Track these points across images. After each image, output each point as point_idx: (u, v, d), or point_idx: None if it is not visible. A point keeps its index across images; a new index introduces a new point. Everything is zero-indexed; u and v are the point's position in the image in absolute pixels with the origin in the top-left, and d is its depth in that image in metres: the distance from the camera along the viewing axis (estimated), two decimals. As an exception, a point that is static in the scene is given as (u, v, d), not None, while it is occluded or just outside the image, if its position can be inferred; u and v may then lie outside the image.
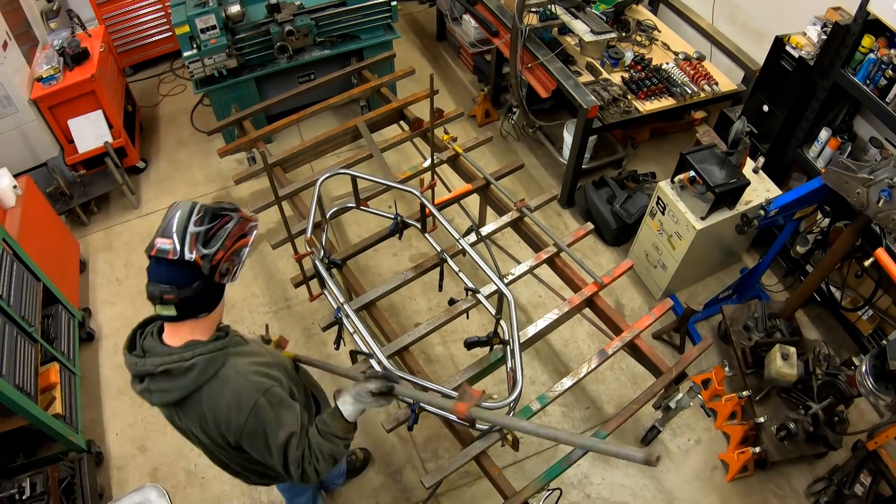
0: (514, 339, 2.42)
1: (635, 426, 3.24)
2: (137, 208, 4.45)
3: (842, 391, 2.54)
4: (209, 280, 1.50)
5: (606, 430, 2.53)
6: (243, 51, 4.10)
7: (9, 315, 2.69)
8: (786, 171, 3.51)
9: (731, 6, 3.86)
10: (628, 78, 3.86)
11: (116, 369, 3.60)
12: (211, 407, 1.57)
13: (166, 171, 4.75)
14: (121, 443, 3.30)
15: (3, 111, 3.49)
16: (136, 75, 5.47)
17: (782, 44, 3.12)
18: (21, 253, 2.94)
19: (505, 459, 3.13)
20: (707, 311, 3.64)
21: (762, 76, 3.37)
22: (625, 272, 3.04)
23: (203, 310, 1.55)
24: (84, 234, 4.24)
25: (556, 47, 3.94)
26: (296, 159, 3.85)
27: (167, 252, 1.46)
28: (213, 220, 1.50)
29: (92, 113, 3.85)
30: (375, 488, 3.09)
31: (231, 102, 4.27)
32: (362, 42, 4.53)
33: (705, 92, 3.76)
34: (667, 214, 3.40)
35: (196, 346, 1.55)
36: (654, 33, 4.21)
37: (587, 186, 4.13)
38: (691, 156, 3.17)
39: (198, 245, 1.47)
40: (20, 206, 3.16)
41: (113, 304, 3.90)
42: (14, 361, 2.62)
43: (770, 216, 2.76)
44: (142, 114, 5.06)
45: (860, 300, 3.09)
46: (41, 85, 3.66)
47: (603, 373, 3.49)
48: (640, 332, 2.80)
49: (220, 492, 3.11)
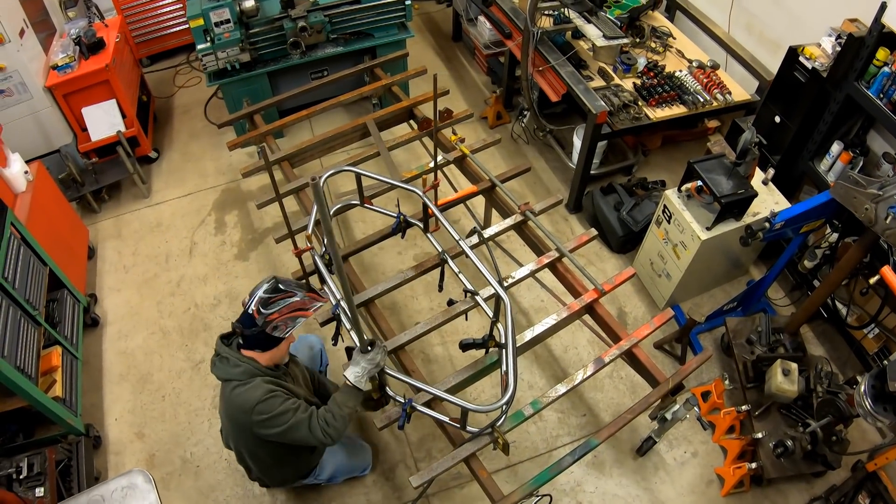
0: (509, 343, 2.41)
1: (632, 436, 3.22)
2: (148, 197, 4.50)
3: (841, 410, 2.49)
4: (262, 330, 2.17)
5: (598, 438, 2.51)
6: (257, 45, 4.14)
7: (13, 298, 2.74)
8: (796, 183, 3.46)
9: (748, 15, 3.81)
10: (640, 84, 3.82)
11: (119, 355, 3.65)
12: (232, 399, 2.24)
13: (178, 162, 4.80)
14: (119, 428, 3.34)
15: (19, 97, 3.56)
16: (153, 66, 5.54)
17: (796, 54, 3.07)
18: (29, 237, 2.99)
19: (498, 463, 3.12)
20: (710, 322, 3.60)
21: (775, 87, 3.32)
22: (626, 280, 3.02)
23: (258, 347, 2.25)
24: (94, 221, 4.30)
25: (568, 51, 3.92)
26: (304, 154, 3.87)
27: (245, 303, 2.20)
28: (276, 291, 2.17)
29: (106, 102, 3.91)
30: (367, 486, 3.10)
31: (243, 96, 4.31)
32: (376, 40, 4.54)
33: (718, 101, 3.72)
34: (672, 223, 3.36)
35: (251, 362, 2.25)
36: (668, 40, 4.17)
37: (595, 192, 4.10)
38: (699, 165, 3.14)
39: (259, 305, 2.15)
40: (30, 192, 3.22)
41: (119, 291, 3.95)
42: (16, 343, 2.66)
43: (776, 229, 2.71)
44: (156, 104, 5.12)
45: (867, 318, 3.03)
46: (56, 73, 3.73)
47: (602, 380, 3.47)
48: (638, 341, 2.77)
49: (214, 481, 3.13)
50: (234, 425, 2.36)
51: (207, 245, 4.21)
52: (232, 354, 2.25)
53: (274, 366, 2.35)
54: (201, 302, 3.89)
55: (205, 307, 3.86)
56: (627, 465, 3.13)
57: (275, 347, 2.27)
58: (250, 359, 2.25)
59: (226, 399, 2.30)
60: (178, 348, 3.67)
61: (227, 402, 2.29)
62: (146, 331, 3.75)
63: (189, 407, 3.42)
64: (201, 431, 3.31)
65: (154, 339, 3.71)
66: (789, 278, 3.70)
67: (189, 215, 4.40)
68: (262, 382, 2.24)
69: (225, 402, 2.32)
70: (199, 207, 4.46)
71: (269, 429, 2.23)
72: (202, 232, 4.29)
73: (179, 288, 3.97)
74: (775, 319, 3.34)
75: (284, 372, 2.44)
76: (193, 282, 4.00)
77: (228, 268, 4.07)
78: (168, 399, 3.45)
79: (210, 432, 3.31)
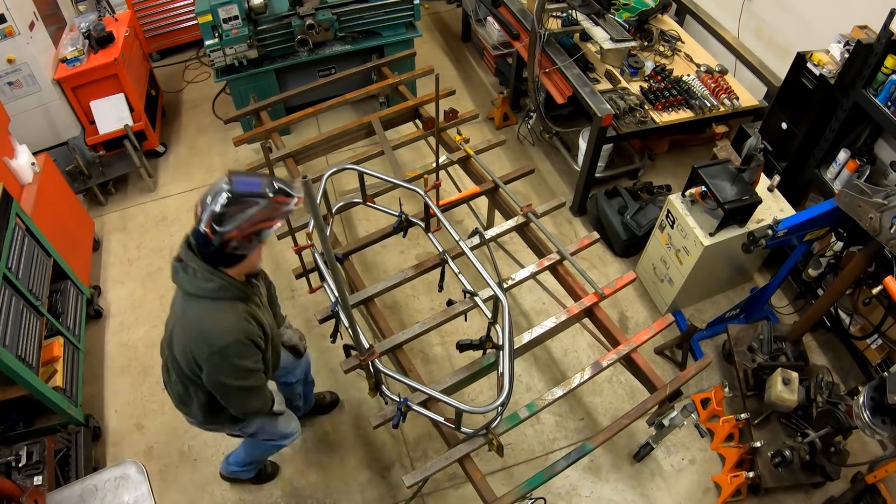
0: (506, 345, 2.41)
1: (629, 441, 3.20)
2: (154, 191, 4.53)
3: (840, 421, 2.46)
4: (221, 249, 1.76)
5: (593, 443, 2.49)
6: (265, 42, 4.16)
7: (16, 288, 2.77)
8: (803, 191, 3.43)
9: (758, 20, 3.78)
10: (647, 88, 3.80)
11: (121, 347, 3.67)
12: (201, 319, 1.88)
13: (185, 156, 4.83)
14: (119, 419, 3.36)
15: (28, 89, 3.60)
16: (163, 60, 5.58)
17: (804, 60, 3.04)
18: (34, 228, 3.02)
19: (493, 465, 3.11)
20: (712, 329, 3.57)
21: (782, 93, 3.29)
22: (627, 284, 3.01)
23: (222, 264, 1.84)
24: (100, 213, 4.34)
25: (575, 53, 3.91)
26: (308, 152, 3.88)
27: (197, 215, 1.74)
28: (233, 203, 1.70)
29: (114, 96, 3.94)
30: (362, 483, 3.10)
31: (250, 92, 4.32)
32: (383, 39, 4.55)
33: (725, 106, 3.69)
34: (675, 228, 3.34)
35: (224, 277, 1.86)
36: (677, 44, 4.15)
37: (599, 195, 4.08)
38: (703, 170, 3.11)
39: (212, 223, 1.70)
40: (37, 183, 3.25)
41: (123, 283, 3.99)
42: (18, 333, 2.69)
43: (778, 236, 2.69)
44: (165, 99, 5.16)
45: (870, 328, 3.00)
46: (65, 66, 3.77)
47: (601, 385, 3.45)
48: (637, 346, 2.76)
49: (211, 475, 3.15)
50: (186, 348, 1.94)
51: (211, 240, 4.22)
52: (201, 266, 1.84)
53: (245, 279, 1.99)
54: (204, 296, 3.90)
55: (207, 301, 3.88)
56: (624, 471, 3.12)
57: (242, 262, 1.88)
58: (222, 273, 1.87)
59: (188, 315, 1.91)
60: (180, 342, 3.68)
61: (190, 321, 1.91)
62: (148, 323, 3.78)
63: (188, 400, 3.43)
64: (200, 425, 3.33)
65: (156, 332, 3.73)
66: (794, 286, 3.67)
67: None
68: (237, 307, 1.91)
69: (185, 317, 1.92)
70: (205, 202, 4.48)
71: (223, 376, 1.94)
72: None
73: (182, 282, 3.99)
74: (778, 328, 3.31)
75: (255, 287, 2.06)
76: (196, 276, 4.01)
77: (231, 263, 4.08)
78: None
79: (208, 426, 3.32)
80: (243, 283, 1.96)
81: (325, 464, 3.17)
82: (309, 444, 3.24)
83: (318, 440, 3.26)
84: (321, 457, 3.20)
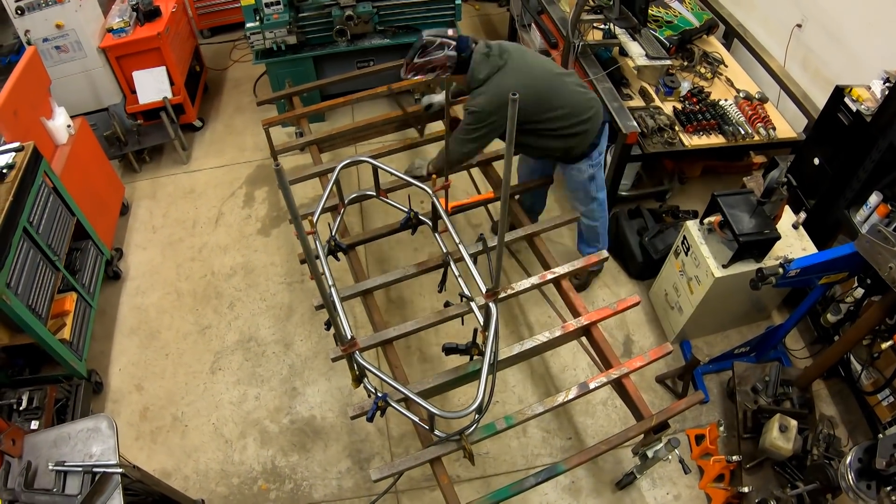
0: (487, 353, 2.39)
1: (615, 467, 3.12)
2: (186, 164, 4.69)
3: (829, 479, 2.33)
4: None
5: (567, 465, 2.45)
6: (304, 29, 4.24)
7: (35, 241, 2.91)
8: (831, 232, 3.26)
9: (806, 50, 3.61)
10: (680, 109, 3.69)
11: (134, 310, 3.82)
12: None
13: (221, 133, 4.97)
14: (121, 378, 3.50)
15: (74, 55, 3.78)
16: (213, 38, 5.76)
17: (842, 94, 2.88)
18: (60, 187, 3.16)
19: (473, 472, 3.08)
20: (719, 364, 3.44)
21: (817, 127, 3.14)
22: (629, 308, 2.93)
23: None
24: (133, 180, 4.52)
25: (611, 66, 3.83)
26: (333, 140, 3.93)
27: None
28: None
29: (156, 68, 4.09)
30: (341, 471, 3.13)
31: (286, 77, 4.41)
32: (423, 36, 4.56)
33: (759, 135, 3.55)
34: (689, 256, 3.24)
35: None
36: (719, 67, 4.01)
37: (620, 213, 3.99)
38: (723, 198, 3.00)
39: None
40: (70, 145, 3.40)
41: (145, 249, 4.14)
42: (31, 284, 2.83)
43: (789, 276, 2.57)
44: (209, 75, 5.32)
45: (883, 381, 2.83)
46: (112, 35, 3.94)
47: (595, 406, 3.38)
48: (629, 371, 2.69)
49: (199, 442, 3.24)
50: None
51: (233, 217, 4.35)
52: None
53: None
54: (218, 270, 4.02)
55: (220, 276, 3.99)
56: (605, 496, 3.04)
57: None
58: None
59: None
60: (189, 311, 3.81)
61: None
62: (162, 290, 3.91)
63: (189, 368, 3.54)
64: (195, 393, 3.43)
65: (168, 300, 3.87)
66: (812, 330, 3.50)
67: (221, 186, 4.55)
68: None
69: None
70: (233, 179, 4.61)
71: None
72: (231, 204, 4.43)
73: (200, 254, 4.11)
74: (787, 371, 3.16)
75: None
76: (214, 250, 4.14)
77: (249, 241, 4.19)
78: (171, 358, 3.59)
79: (205, 395, 3.42)
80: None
81: (308, 447, 3.22)
82: (296, 426, 3.30)
83: (305, 423, 3.31)
84: (305, 439, 3.25)
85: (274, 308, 3.81)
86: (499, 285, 2.43)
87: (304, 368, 3.53)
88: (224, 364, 3.56)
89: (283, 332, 3.69)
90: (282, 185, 1.53)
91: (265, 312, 3.79)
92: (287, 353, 3.60)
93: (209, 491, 3.07)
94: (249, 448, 3.23)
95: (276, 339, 3.67)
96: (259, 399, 3.41)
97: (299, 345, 3.64)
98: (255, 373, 3.52)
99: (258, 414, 3.35)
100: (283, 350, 3.62)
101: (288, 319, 3.75)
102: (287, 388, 3.45)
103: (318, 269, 2.63)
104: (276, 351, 3.61)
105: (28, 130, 3.11)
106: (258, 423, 3.31)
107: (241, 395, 3.42)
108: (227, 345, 3.64)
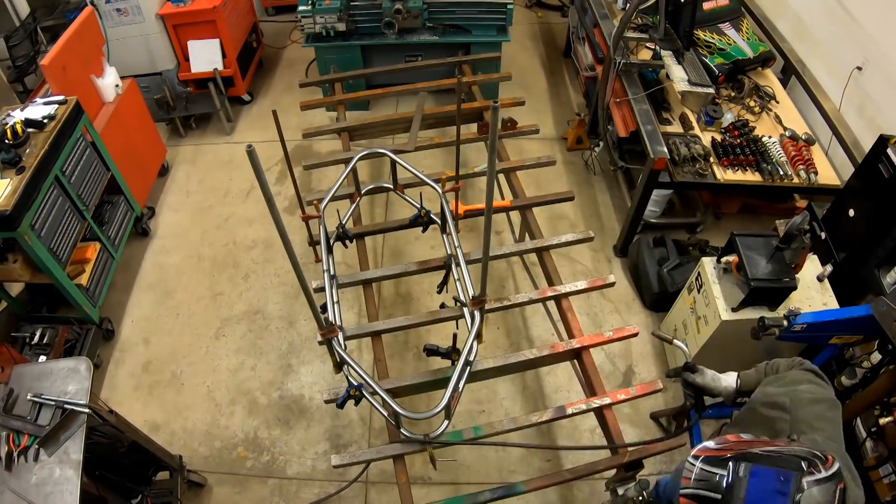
0: (461, 359, 2.38)
1: (590, 499, 3.05)
2: (230, 135, 4.86)
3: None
4: None
5: (527, 486, 2.40)
6: (354, 17, 4.31)
7: (66, 189, 3.09)
8: (860, 290, 3.05)
9: (863, 95, 3.39)
10: (719, 140, 3.54)
11: (156, 267, 4.00)
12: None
13: (267, 109, 5.12)
14: (132, 330, 3.67)
15: (133, 18, 3.98)
16: (276, 16, 5.93)
17: (885, 145, 2.69)
18: (99, 142, 3.35)
19: (445, 476, 3.08)
20: (720, 410, 3.28)
21: (857, 176, 2.94)
22: (625, 338, 2.83)
23: None
24: (177, 144, 4.73)
25: (653, 87, 3.71)
26: (365, 130, 3.99)
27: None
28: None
29: (210, 40, 4.26)
30: (317, 452, 3.19)
31: (334, 63, 4.50)
32: (472, 37, 4.57)
33: (799, 178, 3.36)
34: (701, 293, 3.11)
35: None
36: (770, 102, 3.82)
37: (643, 240, 3.87)
38: (741, 239, 2.87)
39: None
40: (116, 104, 3.60)
41: (176, 210, 4.33)
42: (56, 228, 3.01)
43: (794, 330, 2.43)
44: (265, 52, 5.49)
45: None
46: (171, 4, 4.13)
47: (581, 433, 3.30)
48: (611, 403, 2.60)
49: (191, 402, 3.37)
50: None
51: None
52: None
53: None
54: (240, 241, 4.16)
55: (241, 247, 4.13)
56: (573, 526, 2.98)
57: None
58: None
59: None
60: (206, 276, 3.95)
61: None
62: (185, 252, 4.08)
63: (196, 331, 3.68)
64: (197, 354, 3.57)
65: (189, 262, 4.03)
66: (826, 391, 3.29)
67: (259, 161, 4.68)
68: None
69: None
70: (270, 156, 4.74)
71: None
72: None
73: (226, 223, 4.26)
74: (788, 429, 2.99)
75: None
76: (240, 221, 4.28)
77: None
78: (181, 318, 3.74)
79: (205, 358, 3.55)
80: None
81: (291, 424, 3.30)
82: (284, 402, 3.38)
83: (293, 400, 3.38)
84: (290, 416, 3.32)
85: (286, 285, 3.91)
86: (485, 295, 2.42)
87: (303, 348, 3.61)
88: (228, 331, 3.68)
89: (289, 310, 3.78)
90: (254, 166, 1.57)
91: (276, 288, 3.89)
92: (289, 330, 3.69)
93: (191, 449, 3.19)
94: (237, 415, 3.33)
95: (281, 315, 3.76)
96: (255, 370, 3.51)
97: (302, 324, 3.72)
98: (255, 344, 3.62)
99: (251, 384, 3.45)
100: (286, 326, 3.71)
101: (296, 298, 3.83)
102: (283, 364, 3.53)
103: (293, 251, 2.70)
104: (280, 327, 3.71)
105: (77, 86, 3.30)
106: (249, 393, 3.41)
107: (238, 364, 3.53)
108: (234, 313, 3.76)
